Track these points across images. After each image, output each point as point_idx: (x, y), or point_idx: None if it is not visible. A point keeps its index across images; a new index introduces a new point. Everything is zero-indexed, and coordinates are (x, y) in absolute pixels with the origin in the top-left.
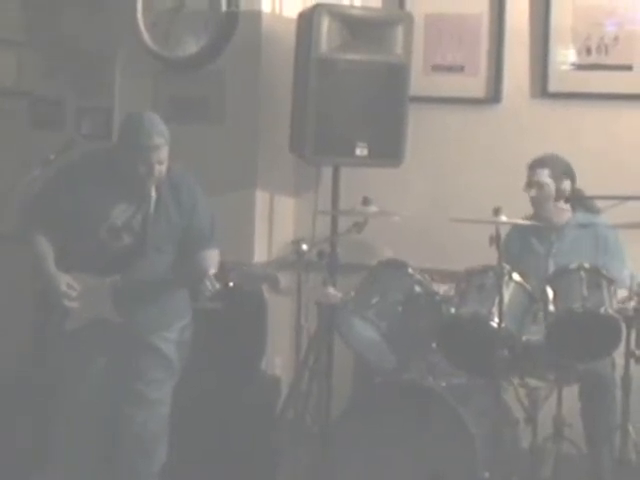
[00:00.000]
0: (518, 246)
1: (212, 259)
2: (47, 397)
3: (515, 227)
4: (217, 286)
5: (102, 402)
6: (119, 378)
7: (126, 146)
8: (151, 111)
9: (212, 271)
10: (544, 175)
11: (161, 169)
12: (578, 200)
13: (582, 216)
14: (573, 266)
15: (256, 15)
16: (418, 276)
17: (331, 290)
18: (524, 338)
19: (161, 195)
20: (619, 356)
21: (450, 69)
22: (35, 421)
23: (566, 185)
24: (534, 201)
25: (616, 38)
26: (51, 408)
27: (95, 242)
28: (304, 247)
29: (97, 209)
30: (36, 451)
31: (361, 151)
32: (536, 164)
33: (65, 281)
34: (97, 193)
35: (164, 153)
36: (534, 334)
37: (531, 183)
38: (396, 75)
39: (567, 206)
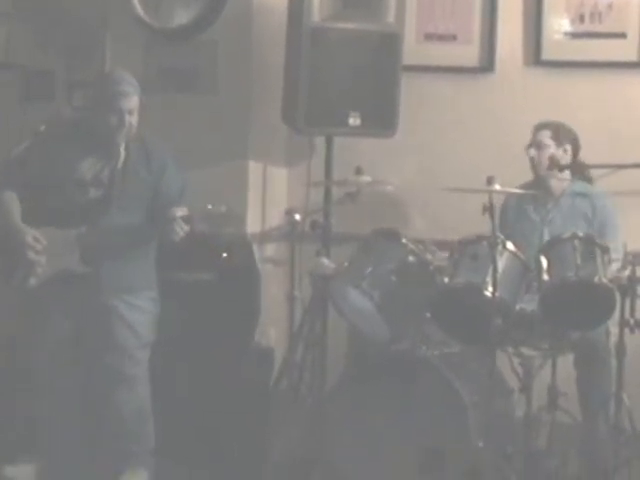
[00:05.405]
0: (514, 214)
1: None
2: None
3: (512, 195)
4: (186, 228)
5: (73, 371)
6: (87, 348)
7: (97, 99)
8: (143, 82)
9: (180, 213)
10: (545, 136)
11: (131, 120)
12: (578, 170)
13: (580, 185)
14: (567, 235)
15: None
16: (411, 246)
17: (324, 260)
18: (518, 307)
19: (130, 154)
20: (613, 325)
21: (443, 38)
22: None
23: (566, 150)
24: (533, 162)
25: (610, 6)
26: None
27: (62, 195)
28: (297, 217)
29: (64, 163)
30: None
31: (354, 121)
32: (540, 126)
33: (31, 233)
34: (65, 147)
35: (134, 102)
36: (528, 303)
37: (532, 143)
38: (389, 44)
39: (566, 175)
